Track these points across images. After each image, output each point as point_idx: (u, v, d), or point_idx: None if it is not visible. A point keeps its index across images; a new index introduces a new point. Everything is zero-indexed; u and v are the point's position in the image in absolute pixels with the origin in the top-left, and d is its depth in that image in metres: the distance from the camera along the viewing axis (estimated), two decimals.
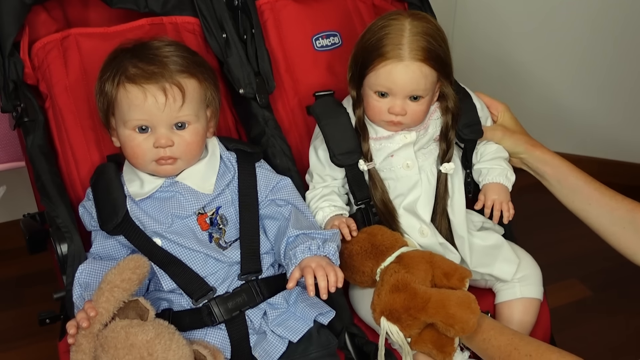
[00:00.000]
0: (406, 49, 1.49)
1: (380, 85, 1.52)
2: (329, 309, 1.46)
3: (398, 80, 1.50)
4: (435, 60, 1.51)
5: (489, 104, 1.70)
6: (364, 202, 1.59)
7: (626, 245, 1.54)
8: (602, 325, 2.28)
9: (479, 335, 1.41)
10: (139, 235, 1.45)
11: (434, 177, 1.58)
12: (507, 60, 2.85)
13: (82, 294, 1.39)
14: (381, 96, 1.54)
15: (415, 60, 1.49)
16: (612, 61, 2.77)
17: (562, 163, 1.63)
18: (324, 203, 1.58)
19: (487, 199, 1.59)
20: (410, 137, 1.57)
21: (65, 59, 1.64)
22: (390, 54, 1.49)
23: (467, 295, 1.41)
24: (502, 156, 1.65)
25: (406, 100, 1.52)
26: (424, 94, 1.53)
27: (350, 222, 1.55)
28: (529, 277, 1.59)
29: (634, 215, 1.54)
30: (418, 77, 1.50)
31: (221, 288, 1.44)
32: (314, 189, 1.62)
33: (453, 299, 1.39)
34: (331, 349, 1.44)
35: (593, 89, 2.83)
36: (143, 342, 1.26)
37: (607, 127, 2.86)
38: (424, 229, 1.55)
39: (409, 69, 1.49)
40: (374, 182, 1.57)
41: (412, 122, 1.56)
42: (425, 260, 1.46)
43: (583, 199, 1.60)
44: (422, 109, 1.54)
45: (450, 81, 1.58)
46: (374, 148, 1.59)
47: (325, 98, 1.68)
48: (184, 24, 1.74)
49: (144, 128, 1.45)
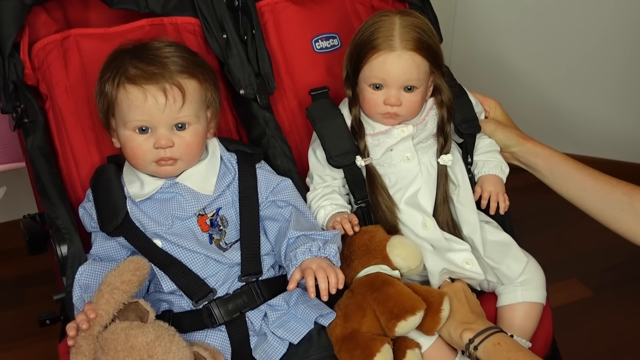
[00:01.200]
0: (397, 40, 1.53)
1: (375, 77, 1.55)
2: (330, 311, 1.46)
3: (391, 70, 1.53)
4: (427, 50, 1.55)
5: (481, 101, 1.73)
6: (363, 200, 1.59)
7: (626, 228, 1.54)
8: (602, 325, 2.28)
9: (503, 353, 1.37)
10: (139, 236, 1.45)
11: (434, 170, 1.60)
12: (507, 60, 2.85)
13: (82, 295, 1.39)
14: (376, 89, 1.56)
15: (407, 49, 1.53)
16: (613, 60, 2.77)
17: (553, 153, 1.64)
18: (325, 202, 1.59)
19: (484, 191, 1.62)
20: (408, 131, 1.59)
21: (65, 59, 1.64)
22: (382, 45, 1.53)
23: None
24: (496, 149, 1.68)
25: (401, 91, 1.55)
26: (418, 84, 1.55)
27: (352, 217, 1.55)
28: (531, 280, 1.58)
29: (631, 197, 1.53)
30: (411, 66, 1.53)
31: (221, 289, 1.44)
32: (315, 189, 1.62)
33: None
34: (332, 351, 1.43)
35: (594, 89, 2.83)
36: (143, 344, 1.25)
37: (607, 127, 2.86)
38: (427, 221, 1.56)
39: (401, 58, 1.53)
40: (372, 178, 1.58)
41: (407, 114, 1.58)
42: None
43: (577, 185, 1.59)
44: (416, 99, 1.57)
45: (442, 72, 1.61)
46: (372, 144, 1.60)
47: (320, 101, 1.69)
48: (184, 24, 1.74)
49: (144, 129, 1.45)
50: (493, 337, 1.40)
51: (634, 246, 1.56)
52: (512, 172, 1.69)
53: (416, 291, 1.46)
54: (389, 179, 1.60)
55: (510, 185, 1.67)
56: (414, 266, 1.49)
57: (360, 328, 1.42)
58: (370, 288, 1.45)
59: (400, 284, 1.46)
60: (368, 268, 1.50)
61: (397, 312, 1.40)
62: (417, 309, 1.40)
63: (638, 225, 1.52)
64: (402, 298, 1.42)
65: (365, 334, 1.42)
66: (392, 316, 1.40)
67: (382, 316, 1.42)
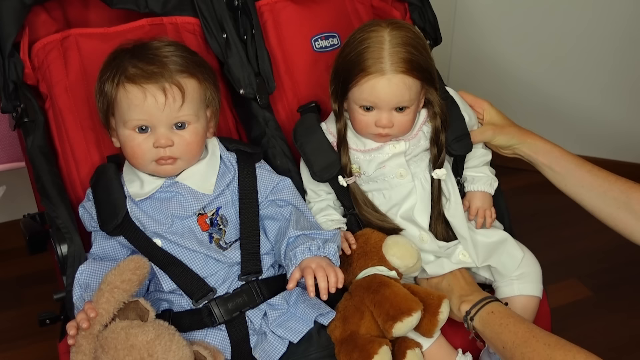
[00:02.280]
0: (387, 62, 1.48)
1: (365, 100, 1.52)
2: (330, 310, 1.46)
3: (382, 95, 1.50)
4: (418, 70, 1.51)
5: (472, 103, 1.71)
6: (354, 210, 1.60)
7: (623, 227, 1.55)
8: (602, 325, 2.28)
9: (496, 320, 1.41)
10: (139, 235, 1.45)
11: (428, 183, 1.59)
12: (507, 60, 2.85)
13: (82, 294, 1.39)
14: (367, 110, 1.53)
15: (397, 72, 1.48)
16: (615, 59, 2.76)
17: (553, 148, 1.64)
18: (322, 218, 1.59)
19: (472, 207, 1.63)
20: (400, 147, 1.58)
21: (65, 59, 1.64)
22: (371, 68, 1.48)
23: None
24: (487, 160, 1.69)
25: (392, 112, 1.52)
26: (409, 104, 1.53)
27: (348, 235, 1.55)
28: (527, 274, 1.59)
29: (628, 196, 1.53)
30: (402, 90, 1.50)
31: (221, 289, 1.44)
32: (308, 203, 1.62)
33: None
34: (331, 350, 1.43)
35: (595, 88, 2.83)
36: (143, 343, 1.26)
37: (607, 127, 2.86)
38: (423, 235, 1.56)
39: (392, 83, 1.49)
40: (355, 197, 1.58)
41: (399, 133, 1.57)
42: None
43: (576, 182, 1.60)
44: (408, 118, 1.55)
45: (435, 87, 1.58)
46: (364, 160, 1.59)
47: (303, 117, 1.67)
48: (184, 24, 1.74)
49: (144, 128, 1.45)
50: (487, 306, 1.45)
51: (634, 246, 1.56)
52: (512, 172, 1.69)
53: (415, 292, 1.46)
54: (382, 194, 1.59)
55: (510, 185, 1.67)
56: (411, 264, 1.49)
57: (359, 330, 1.42)
58: (368, 290, 1.45)
59: (397, 285, 1.46)
60: (366, 270, 1.50)
61: (392, 313, 1.40)
62: (412, 310, 1.40)
63: (635, 223, 1.52)
64: (398, 299, 1.42)
65: (363, 336, 1.41)
66: (388, 317, 1.40)
67: (378, 318, 1.42)
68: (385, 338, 1.42)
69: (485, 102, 1.71)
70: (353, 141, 1.60)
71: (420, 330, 1.45)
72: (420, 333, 1.45)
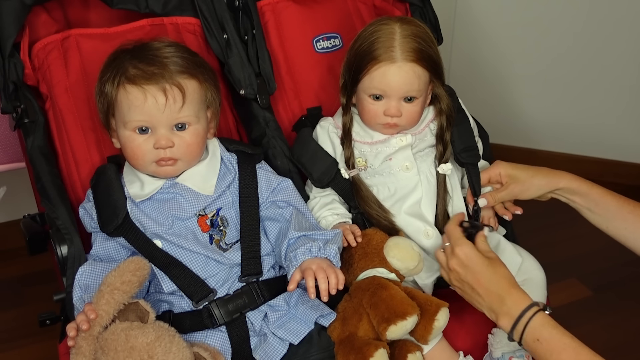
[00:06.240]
0: (398, 51, 1.52)
1: (375, 88, 1.54)
2: (330, 311, 1.45)
3: (392, 82, 1.53)
4: (427, 60, 1.54)
5: (486, 177, 1.62)
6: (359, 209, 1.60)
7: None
8: (602, 325, 2.28)
9: (544, 348, 1.32)
10: (139, 237, 1.45)
11: (434, 178, 1.59)
12: (507, 60, 2.85)
13: (82, 296, 1.39)
14: (376, 99, 1.56)
15: (407, 61, 1.52)
16: (612, 60, 2.76)
17: (590, 189, 1.56)
18: (327, 212, 1.60)
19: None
20: (406, 140, 1.59)
21: (65, 59, 1.64)
22: (382, 56, 1.52)
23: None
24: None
25: (401, 102, 1.55)
26: (418, 94, 1.55)
27: (354, 228, 1.55)
28: (531, 280, 1.58)
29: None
30: (411, 78, 1.53)
31: (222, 290, 1.44)
32: (314, 198, 1.63)
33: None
34: (332, 351, 1.43)
35: (594, 88, 2.83)
36: (143, 344, 1.25)
37: (607, 127, 2.86)
38: (429, 230, 1.56)
39: (402, 70, 1.52)
40: (358, 190, 1.58)
41: (407, 124, 1.58)
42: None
43: (618, 224, 1.54)
44: (416, 109, 1.57)
45: (442, 82, 1.60)
46: (371, 153, 1.60)
47: (297, 135, 1.67)
48: (184, 24, 1.74)
49: (144, 129, 1.45)
50: (531, 330, 1.33)
51: None
52: None
53: (414, 297, 1.44)
54: (387, 188, 1.59)
55: None
56: (412, 266, 1.49)
57: (357, 332, 1.42)
58: (366, 292, 1.45)
59: (395, 287, 1.44)
60: (366, 271, 1.49)
61: (387, 316, 1.39)
62: (408, 314, 1.38)
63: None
64: (394, 302, 1.40)
65: (361, 338, 1.41)
66: (382, 320, 1.39)
67: (374, 320, 1.41)
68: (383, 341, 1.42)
69: (497, 166, 1.61)
70: (360, 134, 1.62)
71: (415, 335, 1.43)
72: (415, 338, 1.44)
